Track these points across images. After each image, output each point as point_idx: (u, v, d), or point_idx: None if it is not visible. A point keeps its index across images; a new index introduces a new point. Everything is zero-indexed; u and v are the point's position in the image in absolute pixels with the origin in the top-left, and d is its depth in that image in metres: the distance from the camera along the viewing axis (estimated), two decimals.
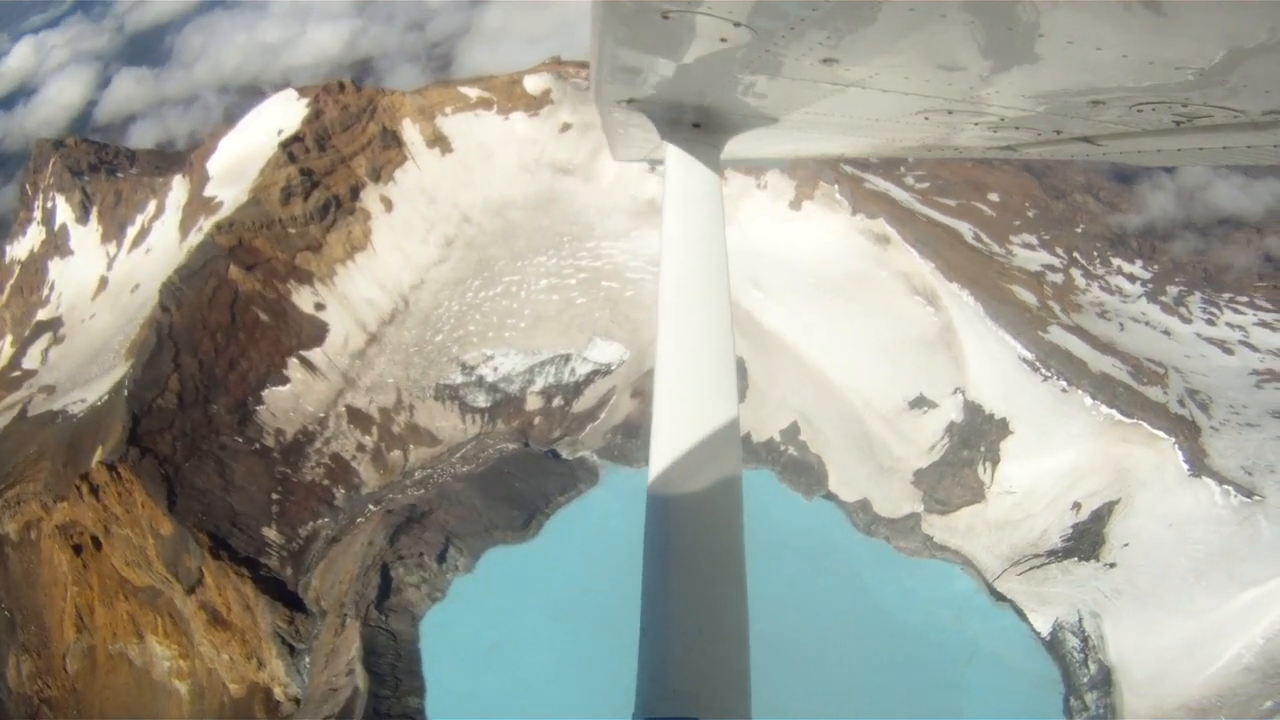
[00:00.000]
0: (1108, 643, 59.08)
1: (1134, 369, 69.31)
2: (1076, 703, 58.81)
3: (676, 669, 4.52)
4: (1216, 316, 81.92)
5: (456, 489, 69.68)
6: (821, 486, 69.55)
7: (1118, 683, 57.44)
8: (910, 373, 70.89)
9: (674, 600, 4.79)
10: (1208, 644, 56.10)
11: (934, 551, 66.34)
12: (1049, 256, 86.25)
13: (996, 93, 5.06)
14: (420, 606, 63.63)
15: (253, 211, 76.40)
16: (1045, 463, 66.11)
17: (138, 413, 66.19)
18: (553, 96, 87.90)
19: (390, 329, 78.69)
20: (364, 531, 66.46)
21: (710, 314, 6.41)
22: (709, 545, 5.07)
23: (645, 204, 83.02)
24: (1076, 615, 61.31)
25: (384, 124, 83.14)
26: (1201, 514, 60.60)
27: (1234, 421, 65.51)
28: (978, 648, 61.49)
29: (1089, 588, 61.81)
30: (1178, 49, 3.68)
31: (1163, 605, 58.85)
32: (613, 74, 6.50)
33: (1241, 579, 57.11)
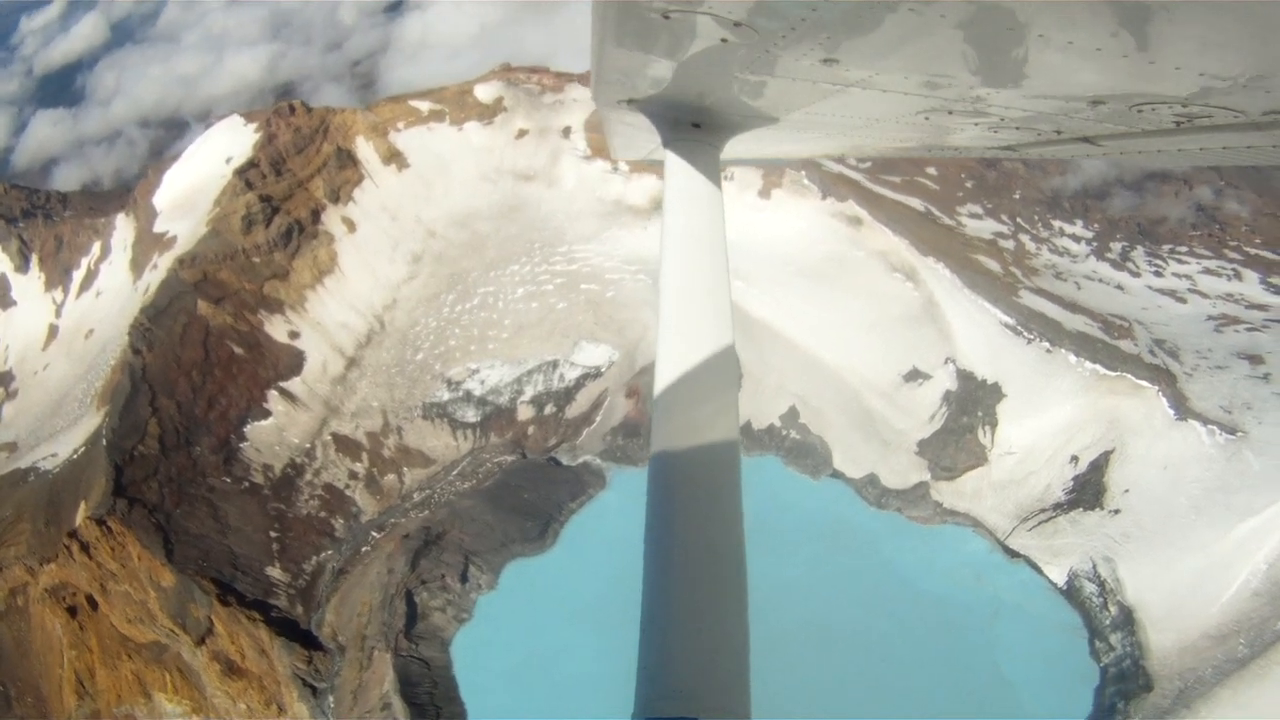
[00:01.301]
0: (1124, 584, 59.95)
1: (1103, 325, 70.38)
2: (1102, 645, 59.74)
3: (676, 669, 4.54)
4: (1163, 268, 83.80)
5: (467, 507, 67.16)
6: (828, 466, 69.07)
7: (1140, 620, 58.36)
8: (900, 348, 70.86)
9: (674, 600, 4.86)
10: (1217, 575, 57.66)
11: (945, 517, 66.59)
12: (997, 224, 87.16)
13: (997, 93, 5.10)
14: (448, 630, 61.11)
15: (214, 243, 72.66)
16: (1040, 421, 66.85)
17: (120, 462, 62.12)
18: (505, 104, 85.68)
19: (368, 351, 75.71)
20: (377, 560, 63.62)
21: (711, 313, 6.53)
22: (709, 545, 5.12)
23: (612, 205, 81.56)
24: (1090, 563, 62.14)
25: (338, 143, 79.95)
26: (1192, 454, 61.97)
27: (1204, 366, 66.94)
28: (1001, 604, 62.27)
29: (1098, 535, 62.64)
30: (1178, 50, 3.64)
31: (1170, 543, 59.98)
32: (613, 74, 6.64)
33: (1239, 510, 58.71)
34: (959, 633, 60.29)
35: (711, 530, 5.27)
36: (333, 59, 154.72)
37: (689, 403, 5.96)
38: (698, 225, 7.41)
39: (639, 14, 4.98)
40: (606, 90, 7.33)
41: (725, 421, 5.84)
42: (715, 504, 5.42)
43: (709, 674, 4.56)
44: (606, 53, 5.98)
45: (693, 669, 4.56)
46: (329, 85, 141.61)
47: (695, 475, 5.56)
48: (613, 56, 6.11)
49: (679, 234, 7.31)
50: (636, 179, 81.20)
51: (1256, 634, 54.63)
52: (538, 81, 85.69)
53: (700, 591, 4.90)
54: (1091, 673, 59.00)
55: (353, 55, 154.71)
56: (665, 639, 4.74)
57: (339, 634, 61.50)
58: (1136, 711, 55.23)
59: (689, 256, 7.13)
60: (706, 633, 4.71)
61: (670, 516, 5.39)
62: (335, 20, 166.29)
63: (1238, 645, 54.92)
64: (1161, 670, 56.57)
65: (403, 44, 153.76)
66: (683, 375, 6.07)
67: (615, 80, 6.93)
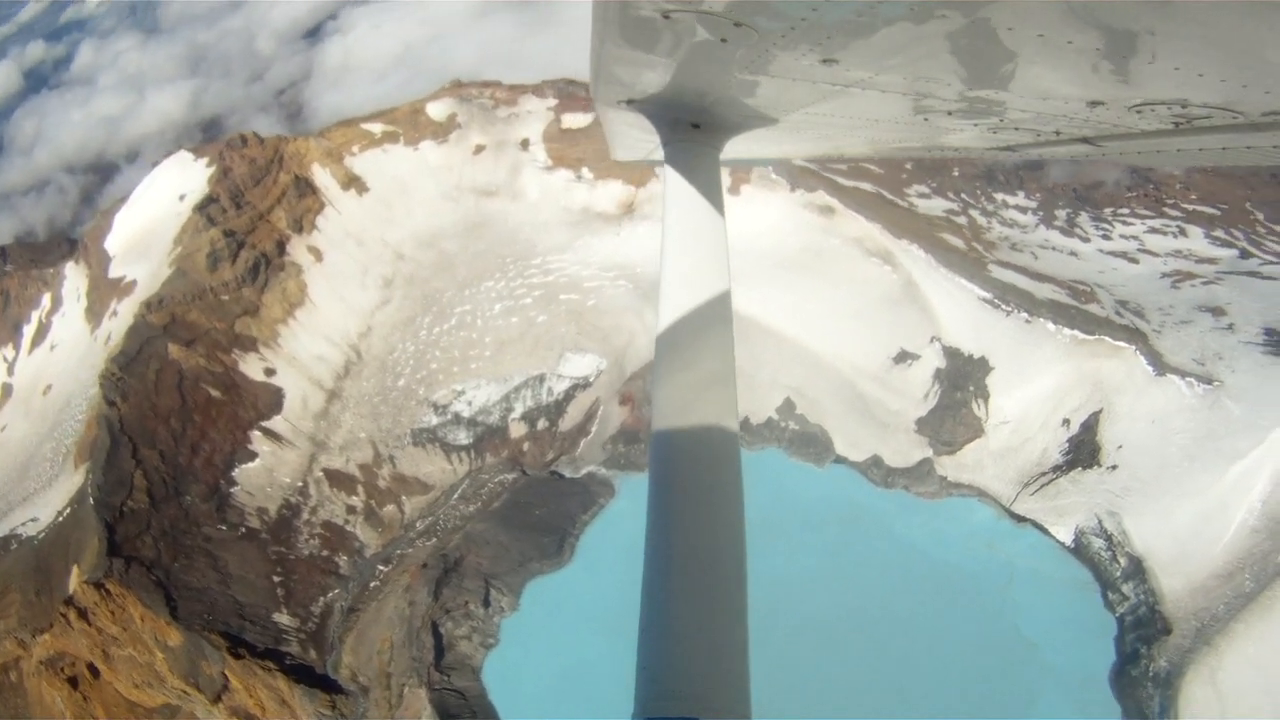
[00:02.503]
0: (1130, 536, 60.77)
1: (1070, 291, 71.15)
2: (1115, 596, 60.32)
3: (676, 669, 4.51)
4: (1110, 231, 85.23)
5: (480, 530, 64.35)
6: (830, 453, 68.16)
7: (1149, 568, 59.31)
8: (886, 331, 70.49)
9: (674, 600, 4.80)
10: (1215, 517, 59.00)
11: (950, 490, 66.34)
12: (945, 202, 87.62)
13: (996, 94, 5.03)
14: (477, 657, 58.34)
15: (180, 283, 68.53)
16: (1029, 389, 67.17)
17: (110, 520, 57.84)
18: (459, 120, 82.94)
19: (348, 382, 72.34)
20: (393, 594, 60.57)
21: (711, 313, 6.46)
22: (709, 546, 5.06)
23: (579, 213, 79.59)
24: (1095, 519, 62.76)
25: (294, 172, 76.30)
26: (1175, 406, 63.02)
27: (1169, 322, 68.09)
28: (1014, 568, 62.41)
29: (1099, 492, 63.27)
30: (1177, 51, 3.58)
31: (1167, 492, 60.98)
32: (612, 74, 6.54)
33: (1227, 454, 59.94)
34: (978, 600, 60.27)
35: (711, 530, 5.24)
36: (256, 90, 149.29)
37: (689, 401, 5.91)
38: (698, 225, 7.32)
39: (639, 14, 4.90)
40: (606, 90, 7.26)
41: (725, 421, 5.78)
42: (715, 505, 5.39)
43: (709, 674, 4.55)
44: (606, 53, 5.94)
45: (693, 669, 4.54)
46: (257, 116, 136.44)
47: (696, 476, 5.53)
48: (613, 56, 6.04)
49: (679, 234, 7.23)
50: (602, 186, 79.42)
51: (1260, 568, 56.04)
52: (491, 95, 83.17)
53: (700, 591, 4.88)
54: (1109, 624, 59.51)
55: (276, 84, 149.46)
56: (665, 639, 4.70)
57: (359, 674, 58.30)
58: (1160, 654, 55.93)
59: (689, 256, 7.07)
60: (706, 633, 4.69)
61: (670, 517, 5.37)
62: (253, 51, 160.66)
63: (1244, 581, 56.11)
64: (1177, 613, 57.38)
65: (325, 69, 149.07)
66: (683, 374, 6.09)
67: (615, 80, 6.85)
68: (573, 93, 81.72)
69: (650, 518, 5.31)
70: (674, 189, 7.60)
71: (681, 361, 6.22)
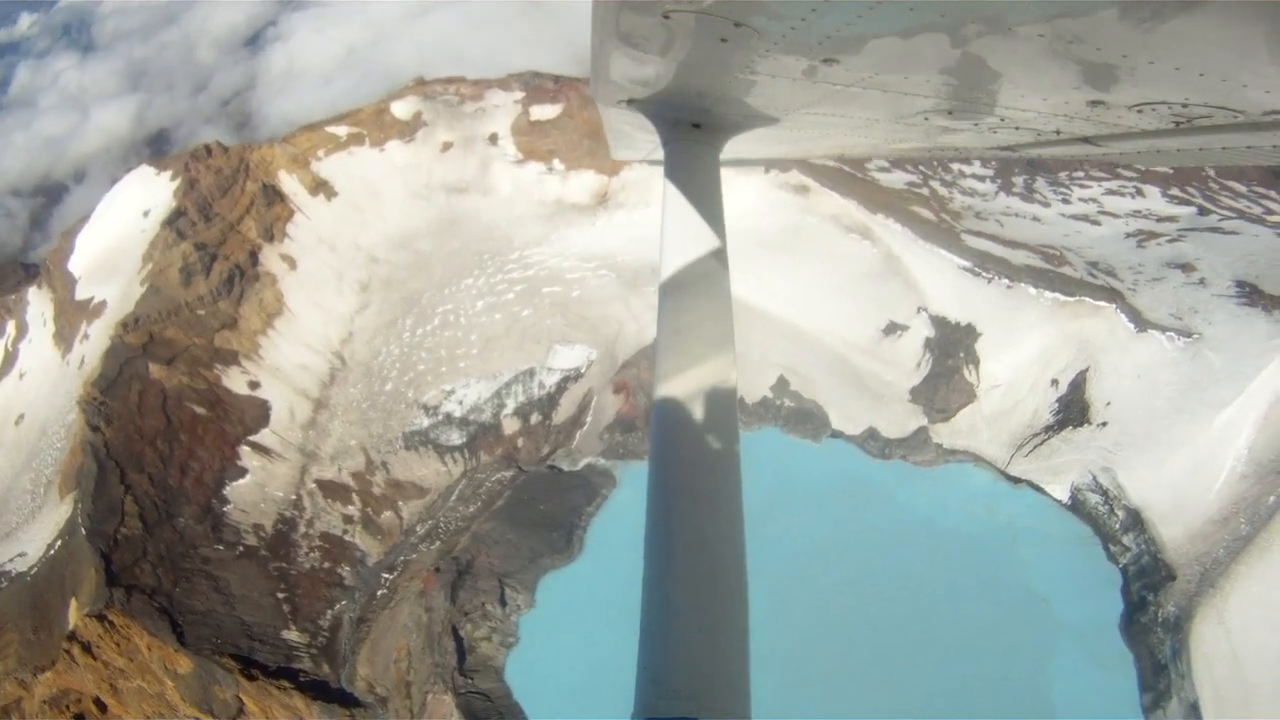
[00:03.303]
0: (1126, 489, 61.13)
1: (1043, 256, 70.93)
2: (1116, 548, 60.96)
3: (676, 669, 4.60)
4: (1069, 195, 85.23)
5: (488, 529, 62.09)
6: (827, 428, 67.15)
7: (1148, 519, 59.92)
8: (872, 304, 69.61)
9: (674, 601, 4.92)
10: (1206, 464, 59.71)
11: (947, 457, 66.11)
12: (905, 174, 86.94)
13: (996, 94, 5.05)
14: (498, 658, 56.22)
15: (155, 300, 64.88)
16: (1017, 353, 67.14)
17: (105, 549, 54.38)
18: (425, 118, 79.87)
19: (334, 390, 69.31)
20: (405, 601, 58.08)
21: (710, 312, 6.48)
22: (709, 547, 5.18)
23: (553, 205, 77.24)
24: (1090, 475, 62.93)
25: (261, 180, 72.78)
26: (1158, 361, 63.36)
27: (1142, 280, 68.33)
28: (1015, 528, 62.43)
29: (1092, 449, 63.38)
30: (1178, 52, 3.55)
31: (1159, 443, 61.30)
32: (613, 74, 6.48)
33: (1212, 404, 60.54)
34: (985, 561, 60.29)
35: (711, 532, 5.21)
36: (202, 101, 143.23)
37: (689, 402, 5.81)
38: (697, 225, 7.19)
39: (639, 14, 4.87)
40: (606, 90, 7.13)
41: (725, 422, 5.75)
42: (715, 506, 5.38)
43: (709, 674, 4.57)
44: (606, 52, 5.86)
45: (693, 669, 4.55)
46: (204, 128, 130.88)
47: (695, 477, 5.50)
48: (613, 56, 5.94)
49: (679, 233, 7.11)
50: (574, 177, 77.14)
51: (1253, 511, 56.54)
52: (455, 91, 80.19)
53: (700, 592, 4.85)
54: (1113, 575, 60.03)
55: (220, 94, 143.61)
56: (666, 639, 4.72)
57: (376, 685, 55.80)
58: (1167, 600, 56.30)
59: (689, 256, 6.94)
60: (706, 633, 4.69)
61: (670, 518, 5.36)
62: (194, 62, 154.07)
63: (1240, 524, 56.64)
64: (1179, 559, 57.64)
65: (270, 77, 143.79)
66: (683, 375, 5.97)
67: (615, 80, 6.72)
68: (539, 85, 79.24)
69: (650, 520, 5.35)
70: (674, 189, 7.49)
71: (682, 362, 6.10)
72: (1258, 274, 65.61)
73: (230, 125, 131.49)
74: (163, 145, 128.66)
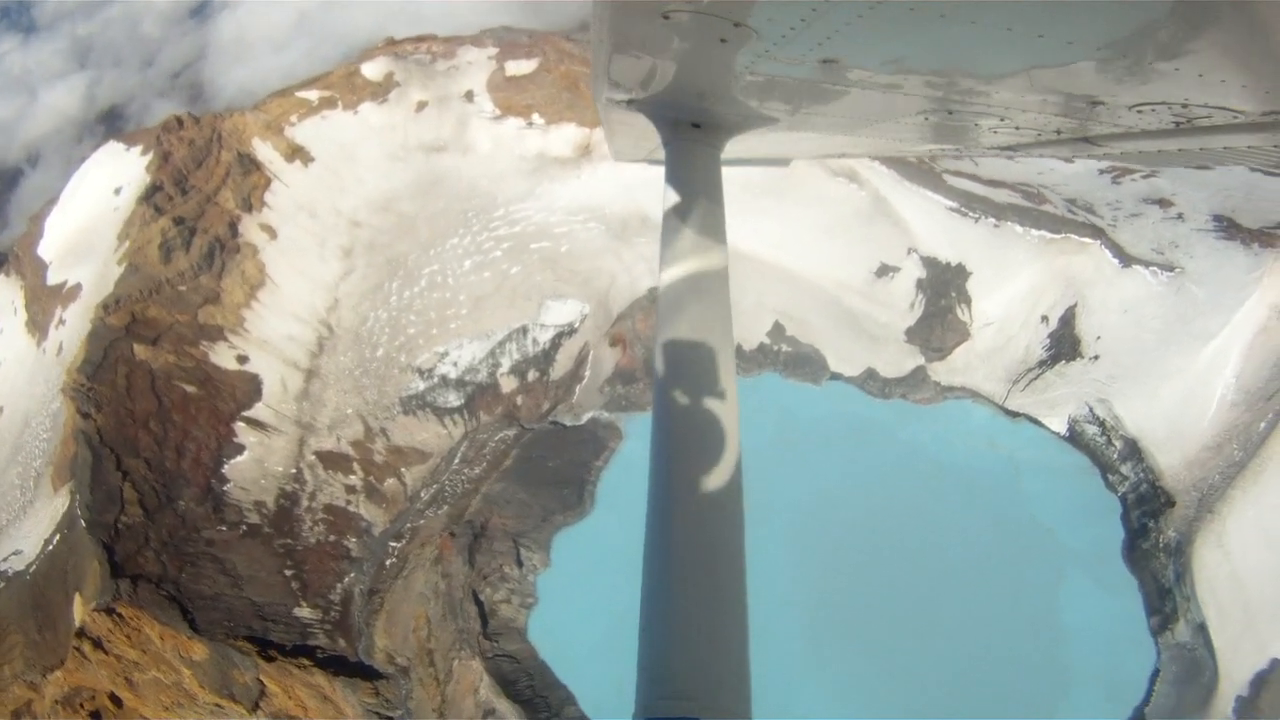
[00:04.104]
0: (1122, 420, 60.82)
1: (1023, 194, 69.56)
2: (1115, 477, 60.99)
3: (676, 669, 4.43)
4: None
5: (499, 490, 60.18)
6: (825, 371, 65.69)
7: (1144, 448, 59.77)
8: (863, 246, 67.82)
9: (674, 600, 4.74)
10: (1198, 394, 59.68)
11: (945, 394, 65.26)
12: None
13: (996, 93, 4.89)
14: (520, 619, 54.73)
15: (135, 279, 61.21)
16: (1007, 291, 66.24)
17: (107, 540, 51.54)
18: (397, 79, 75.78)
19: (325, 359, 66.38)
20: (419, 569, 56.19)
21: (711, 313, 6.36)
22: (709, 547, 4.99)
23: (535, 160, 73.93)
24: (1086, 407, 62.46)
25: (236, 149, 68.85)
26: (1144, 294, 63.06)
27: (1121, 216, 67.46)
28: (1018, 462, 61.83)
29: (1086, 381, 62.87)
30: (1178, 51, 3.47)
31: (1151, 375, 60.91)
32: (613, 74, 6.38)
33: (1199, 335, 60.50)
34: (991, 495, 59.84)
35: (711, 531, 5.07)
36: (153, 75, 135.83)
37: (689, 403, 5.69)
38: (697, 225, 7.01)
39: (639, 14, 4.78)
40: (606, 90, 6.97)
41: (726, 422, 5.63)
42: (715, 505, 5.22)
43: (709, 674, 4.42)
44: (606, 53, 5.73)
45: (693, 669, 4.41)
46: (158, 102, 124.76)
47: (696, 476, 5.33)
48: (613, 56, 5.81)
49: (679, 234, 6.95)
50: (555, 130, 73.84)
51: (1245, 438, 56.69)
52: (427, 50, 76.16)
53: (700, 591, 4.74)
54: (1113, 504, 60.05)
55: (171, 67, 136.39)
56: (665, 639, 4.57)
57: (395, 656, 54.06)
58: (1168, 526, 56.50)
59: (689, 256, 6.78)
60: (706, 633, 4.57)
61: (670, 517, 5.18)
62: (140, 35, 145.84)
63: (1233, 451, 56.61)
64: (1177, 485, 57.58)
65: (221, 46, 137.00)
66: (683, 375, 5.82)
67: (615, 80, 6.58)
68: (513, 40, 75.59)
69: (650, 519, 5.16)
70: (674, 189, 7.34)
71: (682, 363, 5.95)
72: (1234, 208, 64.83)
73: (184, 98, 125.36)
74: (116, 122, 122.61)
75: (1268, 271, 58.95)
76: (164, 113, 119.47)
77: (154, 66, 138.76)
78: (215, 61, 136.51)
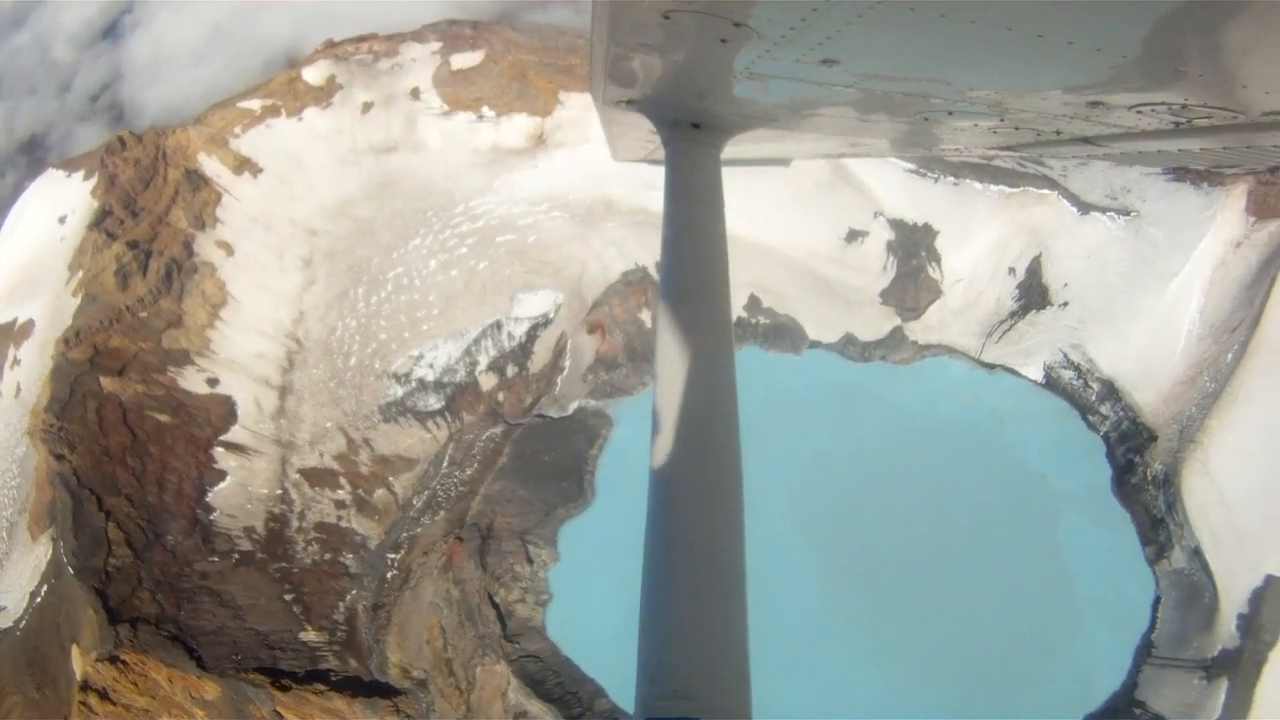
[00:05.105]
0: (1097, 363, 61.53)
1: None
2: (1095, 418, 61.69)
3: (676, 669, 4.38)
4: None
5: (498, 490, 58.03)
6: (804, 340, 64.93)
7: (1121, 387, 60.70)
8: (829, 214, 66.98)
9: (674, 600, 4.68)
10: (1166, 331, 61.00)
11: (923, 353, 65.20)
12: None
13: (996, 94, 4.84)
14: (536, 617, 52.94)
15: (93, 310, 57.42)
16: (973, 246, 66.33)
17: (99, 586, 48.51)
18: (339, 81, 72.01)
19: (297, 374, 63.37)
20: (426, 578, 54.09)
21: (710, 312, 6.48)
22: (709, 547, 4.92)
23: (489, 153, 71.20)
24: (1060, 353, 63.06)
25: (182, 166, 64.96)
26: (1105, 240, 63.91)
27: (1070, 165, 67.89)
28: (1001, 412, 62.21)
29: (1058, 329, 63.46)
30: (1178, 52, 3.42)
31: (1119, 316, 61.75)
32: (613, 75, 6.30)
33: (1162, 275, 61.69)
34: (979, 446, 60.14)
35: (711, 531, 4.99)
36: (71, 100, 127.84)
37: (689, 403, 5.59)
38: (698, 225, 7.07)
39: (639, 14, 4.69)
40: (606, 91, 6.78)
41: (726, 422, 5.62)
42: (715, 505, 5.14)
43: (709, 674, 4.35)
44: (606, 53, 5.62)
45: (693, 669, 4.35)
46: (80, 127, 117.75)
47: (696, 476, 5.27)
48: (613, 57, 5.72)
49: (679, 233, 6.96)
50: (506, 121, 71.12)
51: (1215, 369, 57.78)
52: (369, 50, 72.65)
53: (700, 592, 4.67)
54: (1096, 443, 60.58)
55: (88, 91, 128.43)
56: (665, 639, 4.53)
57: (411, 669, 52.08)
58: (1154, 459, 57.51)
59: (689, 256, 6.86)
60: (706, 633, 4.50)
61: (670, 518, 5.09)
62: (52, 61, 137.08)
63: (1205, 383, 57.60)
64: (1156, 420, 58.43)
65: (137, 65, 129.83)
66: (683, 375, 5.73)
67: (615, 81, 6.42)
68: (457, 33, 72.44)
69: (650, 520, 5.05)
70: (674, 188, 7.29)
71: (682, 363, 5.80)
72: None
73: (106, 120, 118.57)
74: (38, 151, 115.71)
75: (1220, 209, 59.90)
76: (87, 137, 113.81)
77: (71, 91, 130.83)
78: (133, 81, 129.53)
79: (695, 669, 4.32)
